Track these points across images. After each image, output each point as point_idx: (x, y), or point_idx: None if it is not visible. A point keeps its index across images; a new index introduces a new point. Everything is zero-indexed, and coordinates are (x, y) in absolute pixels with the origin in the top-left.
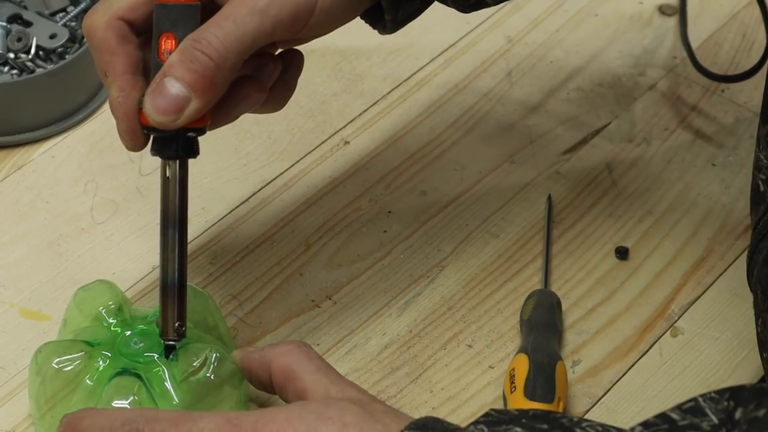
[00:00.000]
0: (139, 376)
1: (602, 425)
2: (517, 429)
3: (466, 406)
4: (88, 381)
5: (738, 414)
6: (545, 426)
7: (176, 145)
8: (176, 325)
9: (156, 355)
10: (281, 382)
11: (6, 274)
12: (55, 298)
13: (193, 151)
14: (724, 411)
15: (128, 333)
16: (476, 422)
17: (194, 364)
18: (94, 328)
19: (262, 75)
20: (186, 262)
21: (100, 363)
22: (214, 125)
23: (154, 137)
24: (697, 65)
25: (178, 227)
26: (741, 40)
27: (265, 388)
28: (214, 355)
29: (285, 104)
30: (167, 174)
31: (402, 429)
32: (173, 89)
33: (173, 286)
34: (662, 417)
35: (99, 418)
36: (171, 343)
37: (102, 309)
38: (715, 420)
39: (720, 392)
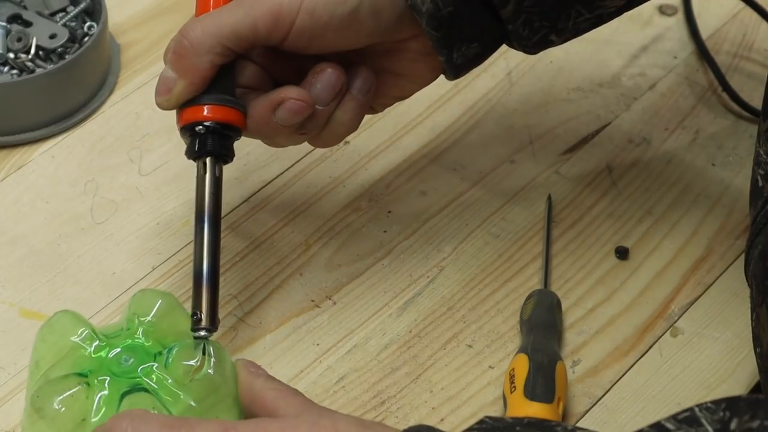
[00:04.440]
0: (146, 390)
1: None
2: None
3: (466, 406)
4: (94, 418)
5: (733, 425)
6: None
7: (198, 144)
8: (194, 314)
9: (155, 365)
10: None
11: (6, 274)
12: (55, 298)
13: (212, 151)
14: (720, 421)
15: (113, 353)
16: (470, 429)
17: (192, 362)
18: (76, 359)
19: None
20: (214, 256)
21: (105, 390)
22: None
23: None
24: (727, 89)
25: (208, 222)
26: (741, 40)
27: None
28: (210, 349)
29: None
30: (200, 172)
31: None
32: (164, 71)
33: (198, 278)
34: (657, 427)
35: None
36: (201, 334)
37: (76, 338)
38: (710, 430)
39: (716, 402)
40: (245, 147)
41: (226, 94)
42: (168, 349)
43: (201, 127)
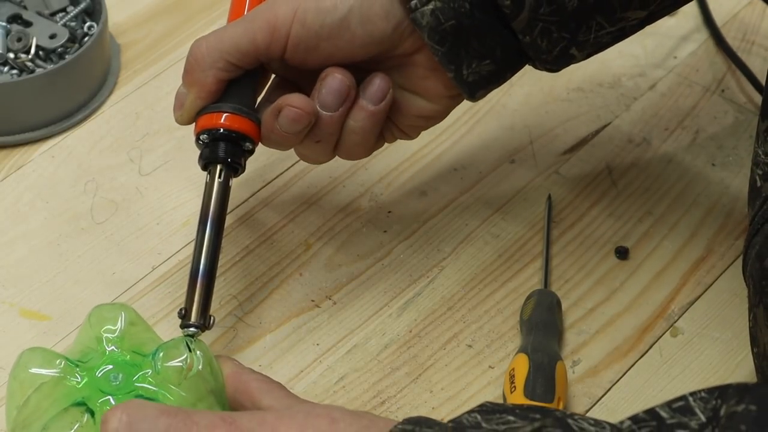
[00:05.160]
0: (150, 398)
1: (594, 419)
2: (510, 417)
3: (466, 406)
4: None
5: (722, 411)
6: (537, 415)
7: (206, 151)
8: (180, 311)
9: (148, 371)
10: (248, 407)
11: (6, 274)
12: (55, 298)
13: (220, 158)
14: (712, 410)
15: (101, 372)
16: (471, 411)
17: (181, 361)
18: (63, 391)
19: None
20: (212, 259)
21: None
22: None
23: None
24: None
25: (210, 227)
26: (741, 40)
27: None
28: (191, 345)
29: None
30: (208, 178)
31: (395, 425)
32: (179, 88)
33: (194, 277)
34: (651, 413)
35: None
36: (190, 331)
37: (55, 371)
38: (703, 419)
39: (710, 391)
40: None
41: (242, 105)
42: (153, 354)
43: (206, 135)
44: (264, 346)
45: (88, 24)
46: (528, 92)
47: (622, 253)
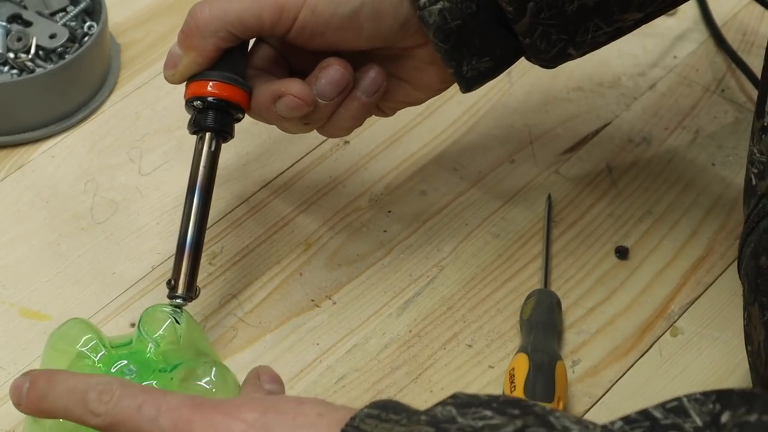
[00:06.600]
0: (173, 367)
1: (576, 417)
2: (487, 412)
3: None
4: None
5: (725, 417)
6: (517, 411)
7: (198, 118)
8: (169, 282)
9: (150, 347)
10: None
11: (6, 274)
12: (55, 298)
13: (210, 126)
14: (709, 414)
15: (116, 367)
16: (443, 403)
17: (168, 327)
18: (79, 369)
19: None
20: (200, 228)
21: None
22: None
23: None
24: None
25: (198, 196)
26: (741, 40)
27: None
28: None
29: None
30: (197, 146)
31: (361, 408)
32: (172, 47)
33: (181, 248)
34: (644, 414)
35: (75, 377)
36: (177, 302)
37: (82, 347)
38: (699, 422)
39: (706, 394)
40: (245, 147)
41: (234, 73)
42: (138, 335)
43: (200, 102)
44: (264, 346)
45: (88, 24)
46: (528, 92)
47: (622, 253)
